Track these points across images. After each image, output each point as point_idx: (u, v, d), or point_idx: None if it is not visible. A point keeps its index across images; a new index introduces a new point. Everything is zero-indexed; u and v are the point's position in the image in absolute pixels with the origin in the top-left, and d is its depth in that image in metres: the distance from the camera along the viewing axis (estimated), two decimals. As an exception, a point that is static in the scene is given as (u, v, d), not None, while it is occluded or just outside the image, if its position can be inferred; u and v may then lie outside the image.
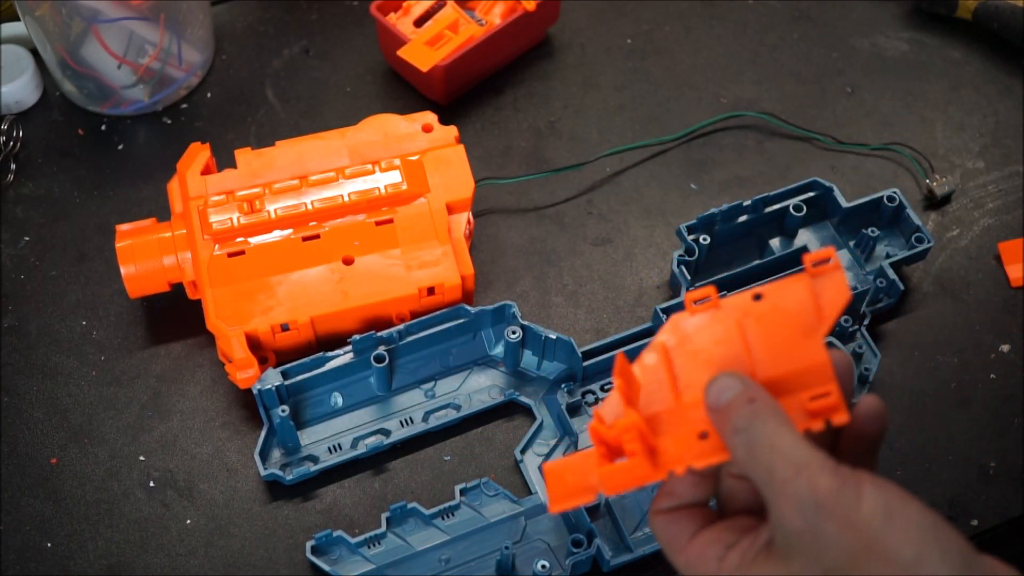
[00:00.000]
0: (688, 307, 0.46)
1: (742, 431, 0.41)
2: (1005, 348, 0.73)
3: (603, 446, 0.45)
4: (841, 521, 0.39)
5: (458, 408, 0.69)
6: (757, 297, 0.45)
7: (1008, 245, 0.77)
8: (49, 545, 0.65)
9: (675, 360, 0.46)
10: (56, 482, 0.67)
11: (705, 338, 0.46)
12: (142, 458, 0.68)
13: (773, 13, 0.90)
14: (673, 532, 0.45)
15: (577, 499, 0.45)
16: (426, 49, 0.79)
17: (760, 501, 0.43)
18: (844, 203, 0.74)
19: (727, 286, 0.70)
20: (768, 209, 0.74)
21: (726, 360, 0.45)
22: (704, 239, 0.72)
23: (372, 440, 0.68)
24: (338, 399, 0.69)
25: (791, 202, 0.74)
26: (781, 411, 0.42)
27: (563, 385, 0.69)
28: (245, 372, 0.67)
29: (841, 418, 0.42)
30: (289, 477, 0.66)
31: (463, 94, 0.84)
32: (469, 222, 0.72)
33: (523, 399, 0.70)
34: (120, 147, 0.82)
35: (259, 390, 0.66)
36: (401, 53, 0.79)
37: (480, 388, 0.70)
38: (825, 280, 0.45)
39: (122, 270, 0.69)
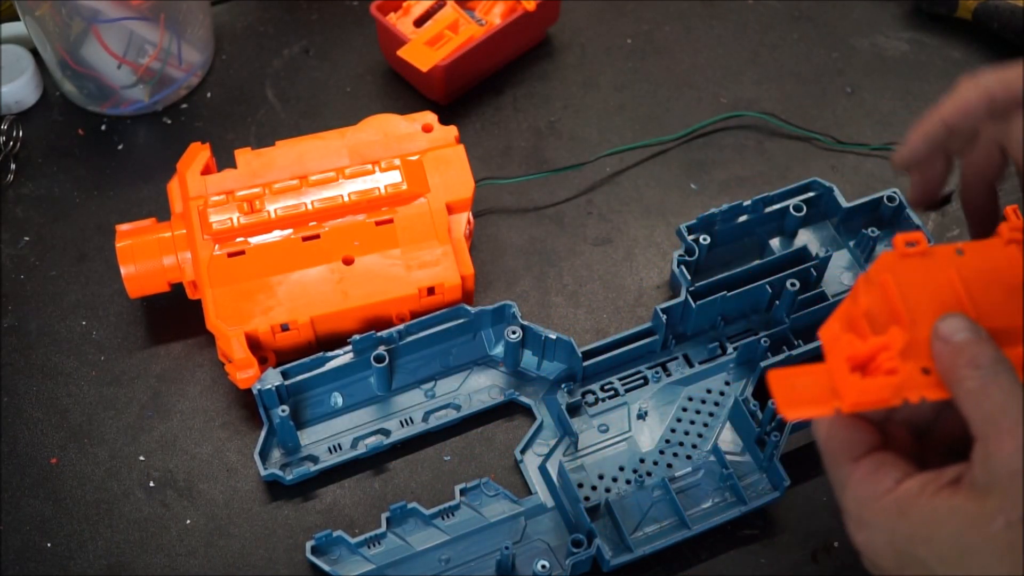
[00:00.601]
0: (900, 248, 0.47)
1: (983, 368, 0.42)
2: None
3: (846, 360, 0.44)
4: None
5: (458, 408, 0.69)
6: (959, 252, 0.47)
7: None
8: (49, 545, 0.65)
9: (898, 294, 0.46)
10: (56, 482, 0.67)
11: (924, 280, 0.47)
12: (142, 458, 0.68)
13: (773, 13, 0.90)
14: (848, 441, 0.45)
15: (814, 407, 0.45)
16: (426, 49, 0.79)
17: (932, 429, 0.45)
18: (844, 203, 0.74)
19: (727, 286, 0.70)
20: (768, 209, 0.74)
21: (947, 304, 0.46)
22: (704, 239, 0.72)
23: (372, 440, 0.68)
24: (338, 399, 0.69)
25: (791, 202, 0.74)
26: (1018, 375, 0.43)
27: (563, 385, 0.69)
28: (245, 372, 0.67)
29: None
30: (289, 477, 0.66)
31: (463, 94, 0.84)
32: (469, 222, 0.73)
33: (523, 399, 0.70)
34: (120, 147, 0.82)
35: (259, 390, 0.66)
36: (401, 53, 0.79)
37: (480, 388, 0.70)
38: (1020, 248, 0.48)
39: (122, 270, 0.69)
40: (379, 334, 0.67)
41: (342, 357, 0.68)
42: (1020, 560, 0.40)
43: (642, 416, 0.69)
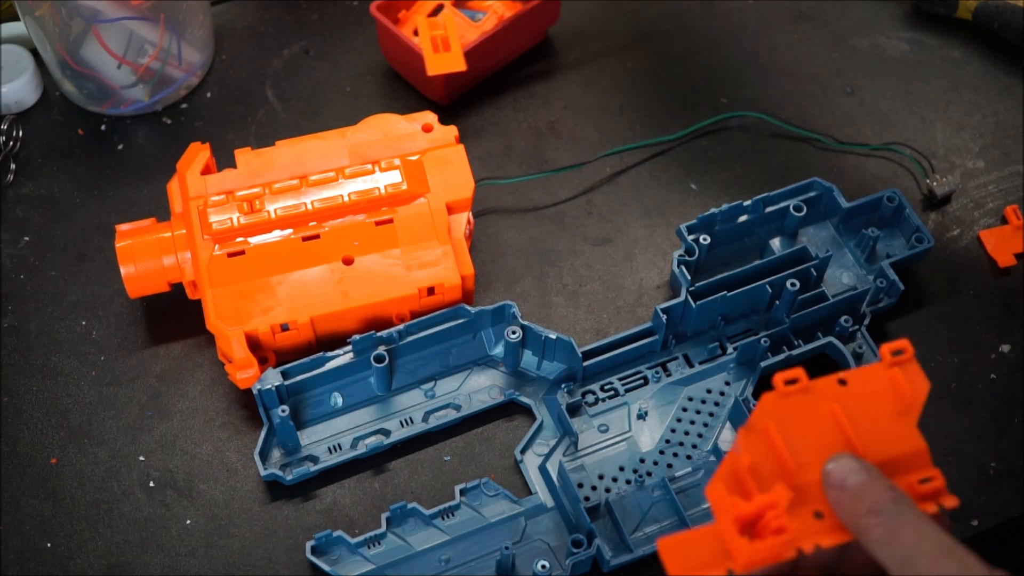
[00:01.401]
0: (779, 388, 0.47)
1: (885, 513, 0.42)
2: (1005, 348, 0.73)
3: (733, 522, 0.44)
4: None
5: (458, 408, 0.69)
6: (842, 382, 0.47)
7: (988, 233, 0.78)
8: (49, 545, 0.65)
9: (781, 440, 0.46)
10: (56, 482, 0.67)
11: (807, 419, 0.47)
12: (142, 458, 0.68)
13: (773, 13, 0.90)
14: None
15: (707, 570, 0.44)
16: (443, 55, 0.78)
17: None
18: (844, 203, 0.74)
19: (727, 286, 0.70)
20: (768, 209, 0.74)
21: (832, 442, 0.46)
22: (704, 239, 0.72)
23: (372, 440, 0.68)
24: (338, 399, 0.69)
25: (791, 202, 0.74)
26: (918, 507, 0.43)
27: (563, 385, 0.69)
28: (245, 372, 0.67)
29: (951, 502, 0.45)
30: (289, 477, 0.66)
31: (463, 94, 0.84)
32: (469, 222, 0.73)
33: (523, 399, 0.70)
34: (120, 147, 0.82)
35: (259, 390, 0.66)
36: (432, 72, 0.78)
37: (480, 388, 0.70)
38: (904, 369, 0.48)
39: (122, 270, 0.69)
40: (379, 334, 0.67)
41: (342, 357, 0.68)
42: None
43: (642, 416, 0.69)
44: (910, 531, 0.42)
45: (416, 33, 0.82)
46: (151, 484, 0.68)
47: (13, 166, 0.80)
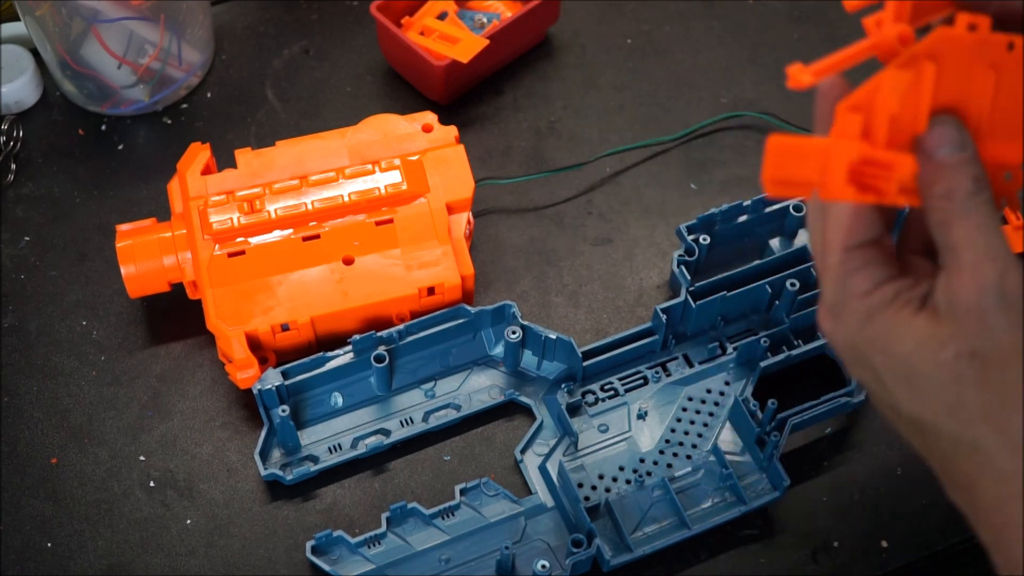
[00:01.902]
0: (961, 28, 0.45)
1: (954, 200, 0.42)
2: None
3: (847, 163, 0.42)
4: (1013, 317, 0.41)
5: (458, 408, 0.69)
6: (1010, 46, 0.44)
7: None
8: (49, 545, 0.65)
9: (928, 90, 0.44)
10: (56, 482, 0.67)
11: (960, 73, 0.44)
12: (142, 458, 0.68)
13: (773, 13, 0.90)
14: (848, 228, 0.44)
15: (795, 189, 0.43)
16: (463, 44, 0.79)
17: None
18: (844, 203, 0.74)
19: (727, 286, 0.70)
20: (768, 209, 0.74)
21: (971, 106, 0.44)
22: (704, 239, 0.72)
23: (372, 440, 0.68)
24: (338, 399, 0.69)
25: (791, 202, 0.74)
26: (994, 207, 0.42)
27: (563, 385, 0.69)
28: (245, 372, 0.67)
29: (1015, 203, 0.45)
30: (289, 477, 0.66)
31: (463, 94, 0.84)
32: (469, 222, 0.73)
33: (523, 399, 0.70)
34: (120, 147, 0.82)
35: (259, 390, 0.66)
36: (467, 58, 0.78)
37: (480, 388, 0.70)
38: None
39: (122, 270, 0.69)
40: (379, 334, 0.67)
41: (342, 357, 0.68)
42: (959, 391, 0.41)
43: (642, 416, 0.69)
44: (968, 226, 0.42)
45: (423, 33, 0.82)
46: (151, 484, 0.68)
47: (13, 166, 0.80)
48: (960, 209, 0.42)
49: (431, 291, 0.69)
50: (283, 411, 0.65)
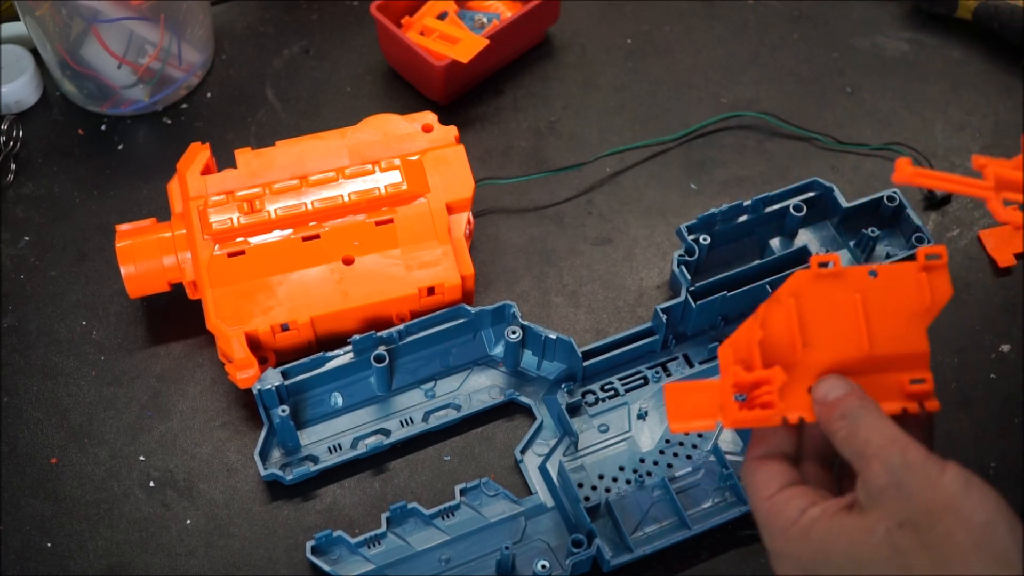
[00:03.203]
0: (814, 268, 0.50)
1: (848, 416, 0.48)
2: (1005, 348, 0.73)
3: (734, 385, 0.50)
4: (924, 481, 0.45)
5: (458, 408, 0.69)
6: (873, 274, 0.50)
7: (988, 233, 0.78)
8: (49, 545, 0.65)
9: (797, 318, 0.50)
10: (56, 482, 0.67)
11: (829, 303, 0.50)
12: (142, 458, 0.68)
13: (773, 13, 0.90)
14: (763, 480, 0.50)
15: (696, 422, 0.51)
16: (462, 44, 0.79)
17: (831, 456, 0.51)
18: (844, 203, 0.74)
19: (727, 286, 0.70)
20: (768, 209, 0.74)
21: (845, 329, 0.50)
22: (704, 239, 0.72)
23: (372, 440, 0.68)
24: (338, 399, 0.69)
25: (791, 202, 0.74)
26: (883, 412, 0.48)
27: (563, 385, 0.69)
28: (245, 372, 0.67)
29: (933, 405, 0.50)
30: (289, 477, 0.66)
31: (463, 94, 0.84)
32: (469, 222, 0.73)
33: (523, 399, 0.70)
34: (120, 147, 0.82)
35: (259, 390, 0.66)
36: (467, 59, 0.78)
37: (480, 388, 0.70)
38: (934, 275, 0.51)
39: (122, 270, 0.69)
40: (379, 334, 0.67)
41: (342, 357, 0.68)
42: (903, 562, 0.44)
43: (642, 416, 0.69)
44: (866, 429, 0.47)
45: (423, 33, 0.82)
46: (151, 484, 0.68)
47: (13, 166, 0.80)
48: (855, 420, 0.48)
49: (431, 291, 0.69)
50: (283, 411, 0.65)
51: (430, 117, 0.75)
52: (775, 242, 0.75)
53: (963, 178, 0.51)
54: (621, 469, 0.67)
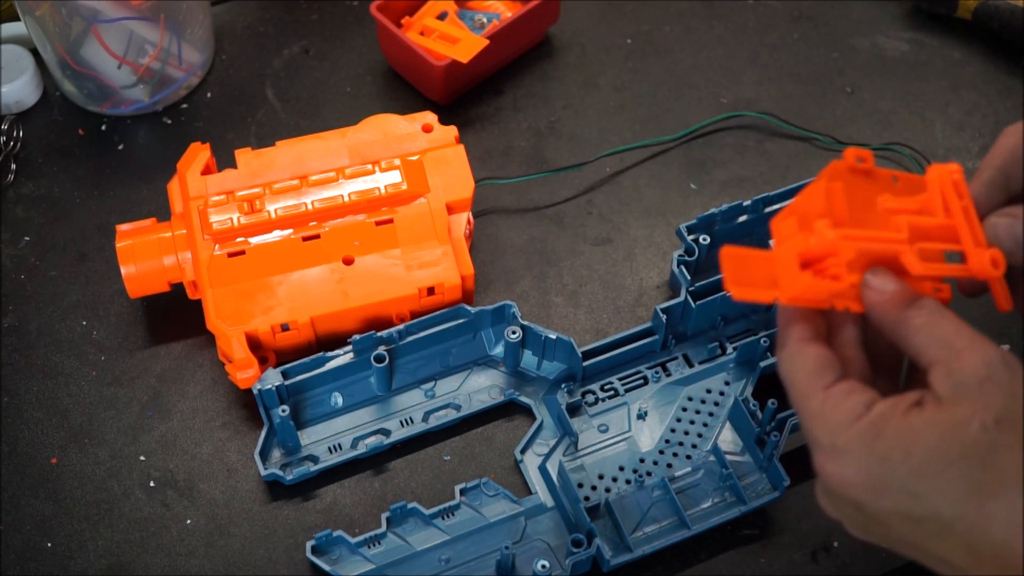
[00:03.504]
0: (850, 161, 0.48)
1: (928, 307, 0.45)
2: (1005, 348, 0.73)
3: (797, 256, 0.46)
4: (1018, 379, 0.43)
5: (458, 408, 0.69)
6: (895, 180, 0.49)
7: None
8: (49, 545, 0.65)
9: (847, 205, 0.47)
10: (56, 482, 0.67)
11: (867, 201, 0.48)
12: (142, 458, 0.68)
13: (773, 13, 0.90)
14: (815, 366, 0.46)
15: (758, 291, 0.47)
16: (462, 44, 0.79)
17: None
18: (844, 203, 0.74)
19: (727, 286, 0.70)
20: (768, 209, 0.74)
21: (886, 230, 0.47)
22: (704, 239, 0.72)
23: (372, 440, 0.68)
24: (338, 399, 0.69)
25: (791, 202, 0.74)
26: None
27: (563, 385, 0.69)
28: (245, 372, 0.67)
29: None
30: (289, 477, 0.66)
31: (463, 94, 0.84)
32: (469, 222, 0.73)
33: (523, 399, 0.70)
34: (120, 147, 0.82)
35: (259, 390, 0.66)
36: (467, 59, 0.78)
37: (480, 388, 0.70)
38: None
39: (122, 270, 0.69)
40: (379, 334, 0.67)
41: (342, 357, 0.68)
42: (996, 461, 0.42)
43: (642, 416, 0.69)
44: (951, 323, 0.45)
45: (423, 33, 0.82)
46: (151, 484, 0.68)
47: (13, 166, 0.80)
48: (936, 311, 0.45)
49: (431, 291, 0.69)
50: (283, 411, 0.65)
51: (430, 117, 0.75)
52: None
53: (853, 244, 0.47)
54: (621, 469, 0.67)
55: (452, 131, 0.74)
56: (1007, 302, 0.49)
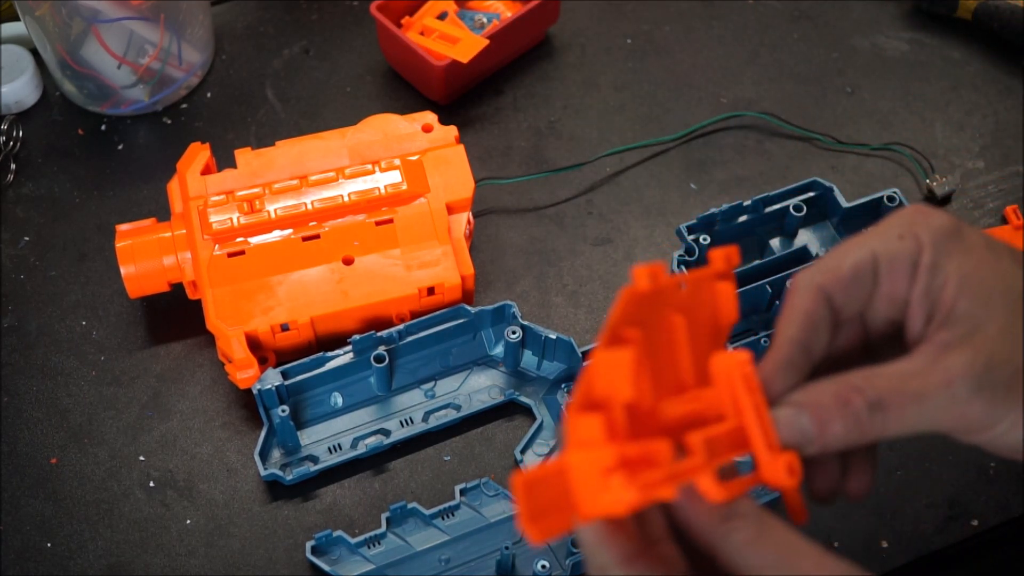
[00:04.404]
0: (641, 281, 0.40)
1: (752, 517, 0.39)
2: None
3: (602, 468, 0.36)
4: None
5: (458, 408, 0.69)
6: (681, 286, 0.41)
7: (988, 233, 0.77)
8: (49, 545, 0.65)
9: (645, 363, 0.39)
10: (56, 482, 0.67)
11: (657, 329, 0.41)
12: (142, 458, 0.68)
13: (773, 13, 0.90)
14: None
15: (559, 522, 0.37)
16: (462, 44, 0.79)
17: None
18: (844, 203, 0.74)
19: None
20: (768, 209, 0.74)
21: (675, 373, 0.41)
22: (704, 239, 0.72)
23: (372, 440, 0.68)
24: (338, 399, 0.69)
25: (791, 202, 0.74)
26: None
27: (563, 385, 0.69)
28: (245, 372, 0.67)
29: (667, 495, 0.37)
30: (289, 477, 0.66)
31: (463, 94, 0.84)
32: (469, 222, 0.73)
33: (523, 399, 0.70)
34: (120, 147, 0.82)
35: (259, 390, 0.66)
36: (467, 59, 0.77)
37: (480, 388, 0.70)
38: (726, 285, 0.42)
39: (122, 270, 0.69)
40: (379, 334, 0.67)
41: (342, 357, 0.68)
42: None
43: (642, 416, 0.69)
44: (782, 533, 0.38)
45: (423, 33, 0.82)
46: (151, 484, 0.68)
47: (13, 166, 0.80)
48: (760, 520, 0.39)
49: (431, 291, 0.69)
50: (283, 411, 0.65)
51: (430, 117, 0.75)
52: (775, 242, 0.75)
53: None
54: (621, 469, 0.67)
55: (452, 131, 0.74)
56: (800, 514, 0.41)
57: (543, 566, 0.62)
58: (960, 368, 0.39)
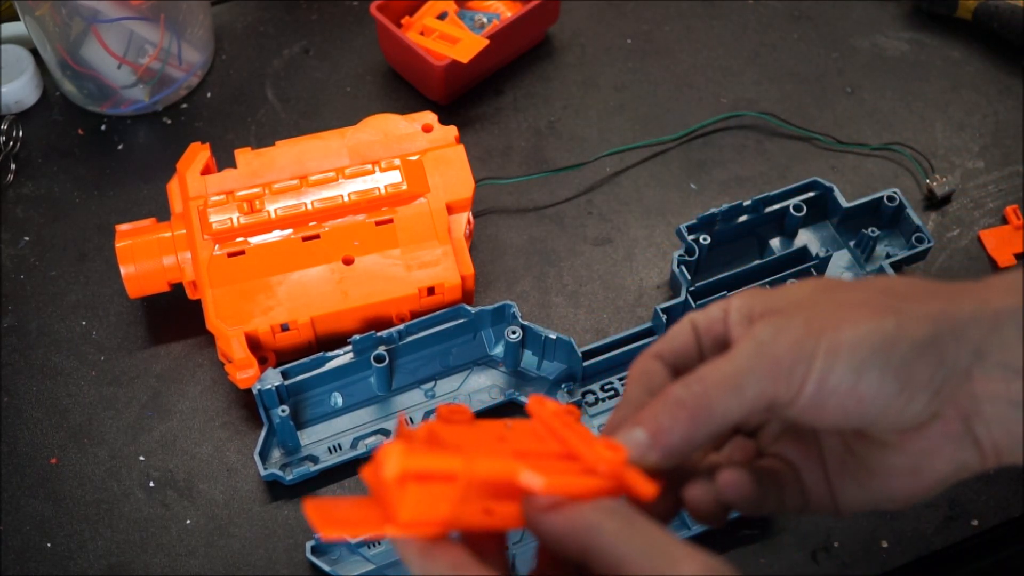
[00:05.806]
0: (445, 416, 0.43)
1: (615, 512, 0.40)
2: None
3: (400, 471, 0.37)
4: None
5: (458, 408, 0.69)
6: (507, 426, 0.44)
7: (988, 233, 0.78)
8: (49, 545, 0.65)
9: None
10: (56, 482, 0.67)
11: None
12: (142, 458, 0.68)
13: (773, 13, 0.90)
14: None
15: (361, 526, 0.38)
16: (462, 44, 0.79)
17: None
18: (844, 203, 0.74)
19: (727, 286, 0.70)
20: (768, 209, 0.74)
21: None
22: (704, 239, 0.72)
23: (372, 440, 0.68)
24: (338, 399, 0.69)
25: (791, 202, 0.74)
26: None
27: (563, 385, 0.69)
28: (245, 372, 0.67)
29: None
30: (289, 477, 0.66)
31: (463, 94, 0.84)
32: (469, 222, 0.73)
33: (523, 399, 0.70)
34: (120, 147, 0.82)
35: (259, 390, 0.66)
36: (467, 58, 0.77)
37: (480, 388, 0.70)
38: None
39: (122, 270, 0.69)
40: (379, 334, 0.67)
41: (342, 357, 0.68)
42: None
43: (642, 416, 0.69)
44: (650, 525, 0.40)
45: (423, 33, 0.82)
46: (151, 484, 0.68)
47: (13, 166, 0.80)
48: (626, 510, 0.40)
49: (431, 291, 0.69)
50: (283, 411, 0.65)
51: (430, 117, 0.75)
52: (775, 242, 0.75)
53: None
54: (621, 469, 0.67)
55: (452, 131, 0.74)
56: (648, 487, 0.41)
57: (543, 566, 0.62)
58: (765, 335, 0.42)
